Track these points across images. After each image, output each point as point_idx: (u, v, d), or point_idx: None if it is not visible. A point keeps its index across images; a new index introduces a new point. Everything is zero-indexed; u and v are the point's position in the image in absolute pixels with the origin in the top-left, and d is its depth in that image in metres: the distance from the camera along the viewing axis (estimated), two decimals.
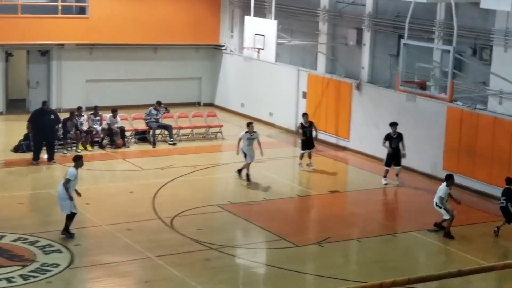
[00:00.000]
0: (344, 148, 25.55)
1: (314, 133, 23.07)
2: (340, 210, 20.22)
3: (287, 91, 27.95)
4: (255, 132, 21.81)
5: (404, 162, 21.76)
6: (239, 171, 21.64)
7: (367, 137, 24.74)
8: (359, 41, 25.40)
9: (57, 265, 14.84)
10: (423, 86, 19.85)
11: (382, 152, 21.99)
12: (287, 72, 27.95)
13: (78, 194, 16.57)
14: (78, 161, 16.60)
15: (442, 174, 19.41)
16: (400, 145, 21.38)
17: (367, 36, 25.11)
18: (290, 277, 15.06)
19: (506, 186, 17.55)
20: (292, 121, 27.64)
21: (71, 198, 16.19)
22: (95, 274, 14.91)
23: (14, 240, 16.02)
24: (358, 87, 25.08)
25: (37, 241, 16.01)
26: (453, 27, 19.37)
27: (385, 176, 21.58)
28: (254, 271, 15.65)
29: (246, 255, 16.29)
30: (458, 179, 18.03)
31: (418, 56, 20.01)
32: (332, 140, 26.06)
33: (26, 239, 16.13)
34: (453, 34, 19.37)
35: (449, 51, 19.29)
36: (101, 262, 15.35)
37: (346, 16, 25.84)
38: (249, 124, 21.83)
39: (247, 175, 21.37)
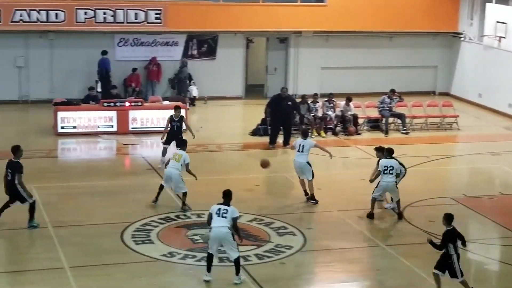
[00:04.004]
0: None
1: None
2: None
3: None
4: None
5: None
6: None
7: None
8: None
9: (290, 247, 15.25)
10: None
11: None
12: None
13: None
14: None
15: None
16: None
17: None
18: None
19: None
20: None
21: (195, 178, 17.12)
22: (325, 259, 15.15)
23: (250, 221, 16.67)
24: None
25: (272, 223, 16.55)
26: None
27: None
28: (487, 268, 15.13)
29: (479, 250, 15.76)
30: None
31: None
32: None
33: (261, 220, 16.73)
34: None
35: None
36: (332, 247, 15.57)
37: None
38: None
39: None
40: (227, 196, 13.56)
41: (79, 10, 27.24)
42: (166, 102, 25.60)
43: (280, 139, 23.28)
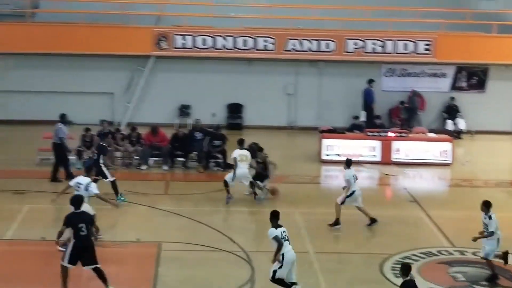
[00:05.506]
0: None
1: None
2: None
3: None
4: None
5: None
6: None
7: None
8: None
9: None
10: None
11: None
12: None
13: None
14: None
15: None
16: None
17: None
18: None
19: None
20: None
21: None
22: None
23: None
24: None
25: None
26: None
27: None
28: None
29: None
30: None
31: None
32: None
33: None
34: None
35: None
36: None
37: None
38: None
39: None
40: (277, 217, 13.48)
41: (349, 40, 27.70)
42: (432, 134, 25.18)
43: None
